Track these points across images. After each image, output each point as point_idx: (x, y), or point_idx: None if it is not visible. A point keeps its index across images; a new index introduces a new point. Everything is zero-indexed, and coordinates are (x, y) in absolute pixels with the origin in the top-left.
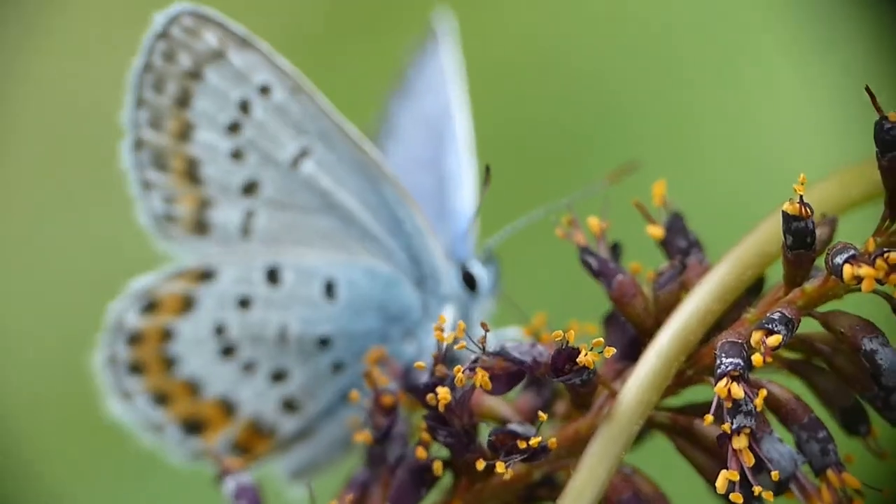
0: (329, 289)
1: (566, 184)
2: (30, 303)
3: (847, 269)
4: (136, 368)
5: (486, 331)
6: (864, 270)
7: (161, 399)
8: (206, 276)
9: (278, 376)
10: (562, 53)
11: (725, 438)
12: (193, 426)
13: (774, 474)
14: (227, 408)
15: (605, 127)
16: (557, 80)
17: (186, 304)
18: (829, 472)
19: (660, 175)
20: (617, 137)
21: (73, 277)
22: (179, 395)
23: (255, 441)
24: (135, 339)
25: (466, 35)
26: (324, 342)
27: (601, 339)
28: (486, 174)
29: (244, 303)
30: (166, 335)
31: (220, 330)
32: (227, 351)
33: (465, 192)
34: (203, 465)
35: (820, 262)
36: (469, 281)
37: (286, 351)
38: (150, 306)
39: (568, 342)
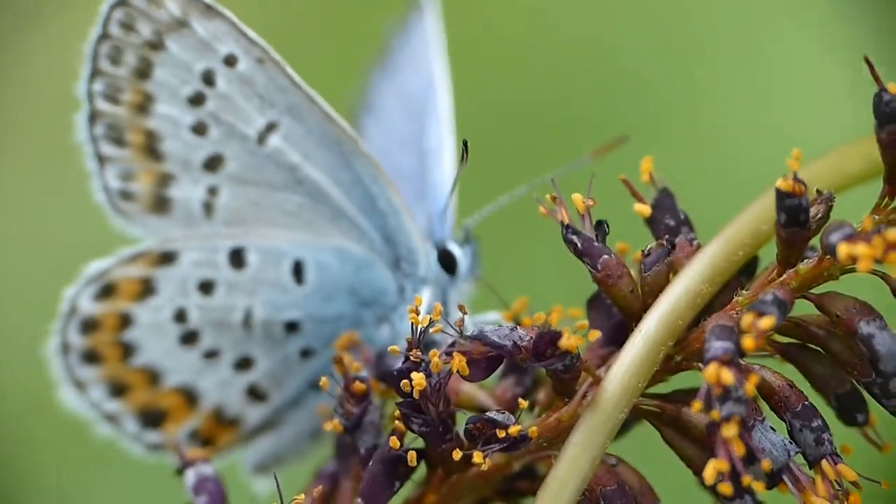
0: (297, 271)
1: (557, 162)
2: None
3: (842, 248)
4: (90, 357)
5: (464, 313)
6: (861, 249)
7: (118, 389)
8: (165, 258)
9: (243, 364)
10: (555, 24)
11: (714, 427)
12: (153, 417)
13: (766, 464)
14: (189, 398)
15: (599, 103)
16: (549, 53)
17: (145, 289)
18: (824, 463)
19: (657, 153)
20: (613, 114)
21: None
22: (137, 385)
23: (218, 432)
24: (89, 325)
25: (456, 8)
26: (291, 328)
27: (585, 322)
28: (464, 150)
29: (206, 287)
30: (123, 321)
31: (180, 316)
32: (189, 338)
33: (446, 169)
34: (165, 457)
35: (816, 242)
36: (446, 262)
37: (251, 337)
38: (106, 291)
39: (550, 325)
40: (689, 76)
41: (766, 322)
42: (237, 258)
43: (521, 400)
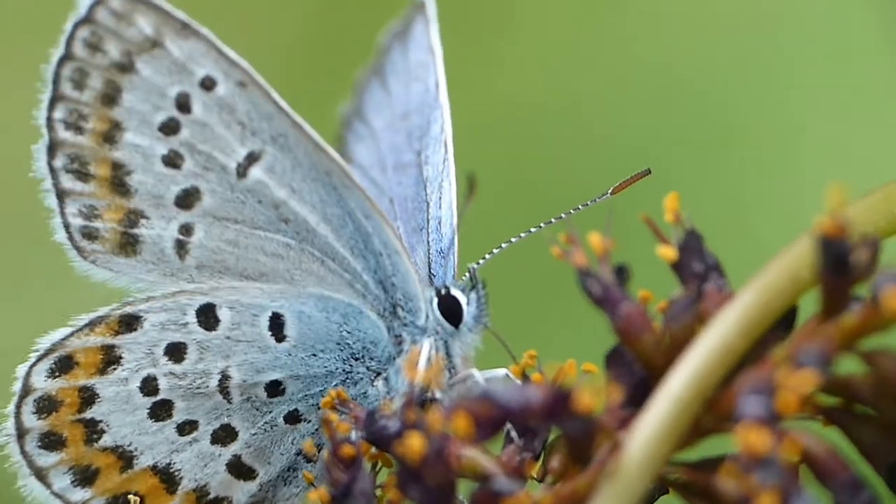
0: (275, 326)
1: (573, 199)
2: None
3: (889, 298)
4: (50, 440)
5: (468, 368)
6: None
7: (85, 475)
8: (127, 323)
9: (223, 436)
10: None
11: (749, 498)
12: None
13: None
14: (166, 479)
15: (621, 135)
16: (567, 81)
17: (106, 359)
18: None
19: (682, 191)
20: (636, 148)
21: None
22: (106, 469)
23: None
24: (47, 405)
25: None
26: (274, 391)
27: (604, 379)
28: (470, 184)
29: (176, 351)
30: (84, 398)
31: (149, 386)
32: (160, 411)
33: (448, 203)
34: None
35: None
36: (449, 310)
37: (230, 405)
38: (63, 365)
39: (564, 382)
40: (719, 104)
41: (807, 380)
42: (208, 316)
43: (531, 467)
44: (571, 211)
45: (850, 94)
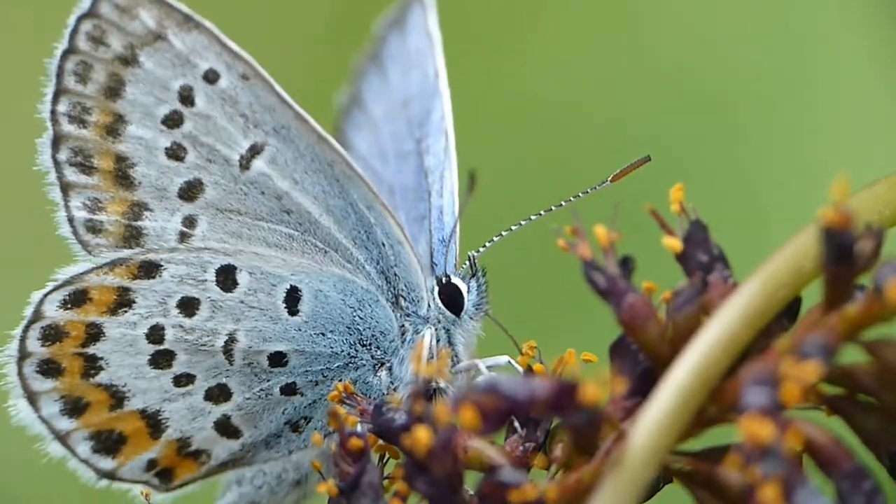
0: (291, 299)
1: (573, 185)
2: None
3: (893, 289)
4: (48, 368)
5: (471, 357)
6: None
7: (74, 406)
8: (147, 269)
9: (217, 395)
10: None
11: (752, 488)
12: (109, 442)
13: None
14: (152, 424)
15: (622, 122)
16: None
17: (120, 301)
18: None
19: (688, 183)
20: (639, 134)
21: None
22: (97, 404)
23: (179, 464)
24: (53, 334)
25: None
26: (276, 361)
27: (608, 370)
28: (471, 181)
29: (188, 305)
30: (90, 333)
31: (155, 334)
32: (161, 359)
33: (450, 192)
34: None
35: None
36: (450, 299)
37: (230, 367)
38: (76, 298)
39: (568, 373)
40: (724, 98)
41: (811, 370)
42: (227, 277)
43: (536, 457)
44: (571, 199)
45: (856, 88)
